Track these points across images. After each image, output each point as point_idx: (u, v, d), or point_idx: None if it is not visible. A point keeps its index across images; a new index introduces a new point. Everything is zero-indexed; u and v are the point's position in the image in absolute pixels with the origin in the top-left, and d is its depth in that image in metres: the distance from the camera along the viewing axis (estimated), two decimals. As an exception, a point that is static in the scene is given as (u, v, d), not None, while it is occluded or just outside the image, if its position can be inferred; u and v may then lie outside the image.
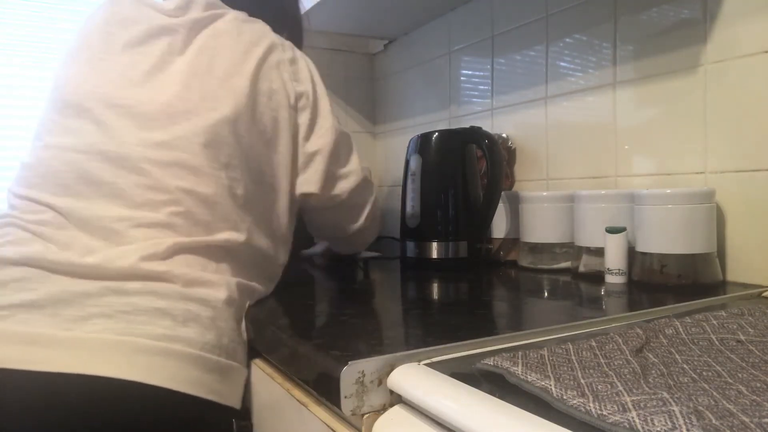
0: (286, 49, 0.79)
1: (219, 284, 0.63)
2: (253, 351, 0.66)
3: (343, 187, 0.81)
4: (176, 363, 0.55)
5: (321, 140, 0.78)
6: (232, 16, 0.77)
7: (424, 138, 0.98)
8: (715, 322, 0.50)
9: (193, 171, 0.65)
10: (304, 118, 0.77)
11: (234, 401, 0.61)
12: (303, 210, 0.85)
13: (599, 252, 0.80)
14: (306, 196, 0.78)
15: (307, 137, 0.78)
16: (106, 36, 0.73)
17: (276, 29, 0.82)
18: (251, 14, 0.80)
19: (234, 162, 0.69)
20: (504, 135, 1.16)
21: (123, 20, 0.74)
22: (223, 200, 0.67)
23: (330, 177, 0.79)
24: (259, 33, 0.77)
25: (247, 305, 0.67)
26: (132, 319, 0.56)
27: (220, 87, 0.70)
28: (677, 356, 0.43)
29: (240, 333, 0.64)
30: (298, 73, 0.79)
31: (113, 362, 0.53)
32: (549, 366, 0.40)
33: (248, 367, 0.65)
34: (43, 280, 0.57)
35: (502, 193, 0.95)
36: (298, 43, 0.94)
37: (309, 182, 0.77)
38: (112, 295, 0.57)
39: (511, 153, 1.15)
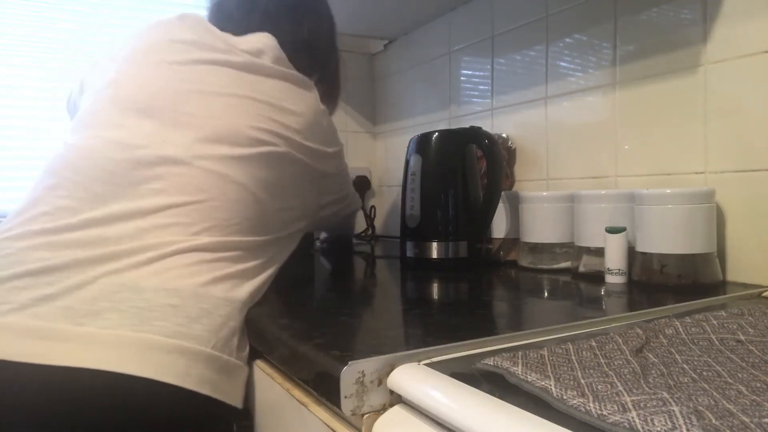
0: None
1: (234, 283, 0.64)
2: (253, 351, 0.66)
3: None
4: (188, 361, 0.56)
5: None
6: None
7: (424, 138, 0.98)
8: (715, 322, 0.50)
9: (222, 177, 0.68)
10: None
11: (238, 401, 0.62)
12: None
13: (599, 252, 0.80)
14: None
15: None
16: (175, 46, 0.75)
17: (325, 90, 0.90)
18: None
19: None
20: (504, 135, 1.16)
21: (189, 40, 0.77)
22: (244, 202, 0.69)
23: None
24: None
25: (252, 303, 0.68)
26: (146, 315, 0.56)
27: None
28: (677, 356, 0.43)
29: (245, 332, 0.65)
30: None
31: (126, 358, 0.53)
32: (549, 366, 0.40)
33: (249, 367, 0.65)
34: (60, 274, 0.58)
35: (502, 193, 0.95)
36: (332, 103, 1.03)
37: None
38: (127, 291, 0.58)
39: (511, 153, 1.15)
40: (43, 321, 0.55)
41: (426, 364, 0.44)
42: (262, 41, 0.80)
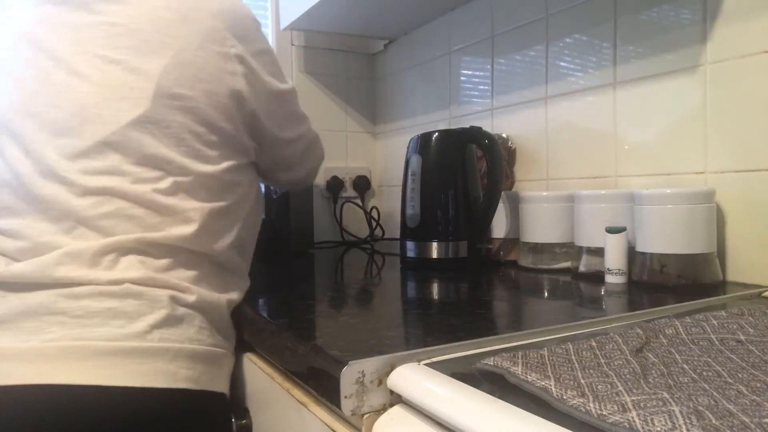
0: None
1: (169, 278, 0.61)
2: (252, 351, 0.66)
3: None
4: (132, 359, 0.55)
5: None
6: None
7: (424, 138, 0.98)
8: (715, 322, 0.50)
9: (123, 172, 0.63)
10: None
11: (214, 386, 0.61)
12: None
13: (599, 252, 0.80)
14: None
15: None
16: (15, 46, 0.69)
17: None
18: None
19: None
20: (504, 135, 1.16)
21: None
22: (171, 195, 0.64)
23: None
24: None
25: (219, 290, 0.66)
26: (86, 323, 0.55)
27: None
28: (677, 356, 0.43)
29: (216, 317, 0.63)
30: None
31: (71, 369, 0.52)
32: (549, 366, 0.40)
33: (244, 364, 0.65)
34: (1, 298, 0.57)
35: (502, 193, 0.95)
36: None
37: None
38: (64, 301, 0.56)
39: (511, 153, 1.15)
40: None
41: (426, 364, 0.44)
42: None
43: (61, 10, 0.68)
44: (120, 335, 0.55)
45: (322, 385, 0.46)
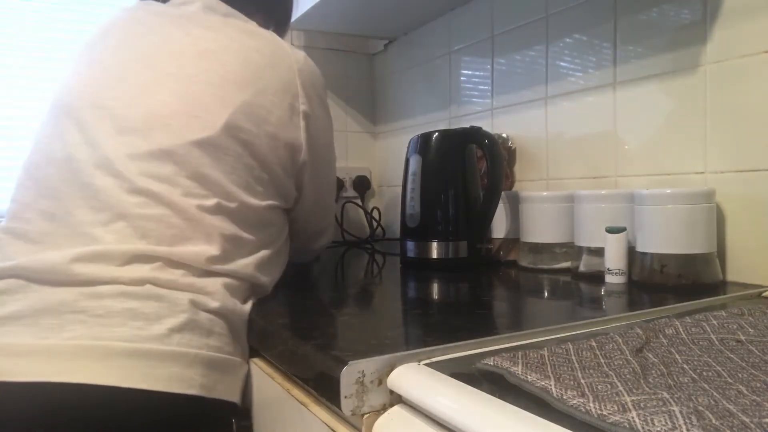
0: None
1: (194, 281, 0.62)
2: (253, 350, 0.66)
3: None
4: (149, 362, 0.55)
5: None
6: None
7: (424, 138, 0.98)
8: (715, 322, 0.50)
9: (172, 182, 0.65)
10: None
11: (226, 395, 0.60)
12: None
13: (599, 252, 0.80)
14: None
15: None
16: (107, 38, 0.73)
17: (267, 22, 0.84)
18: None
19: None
20: (504, 135, 1.16)
21: (134, 23, 0.75)
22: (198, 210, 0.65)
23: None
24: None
25: (240, 297, 0.67)
26: (105, 323, 0.55)
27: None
28: (677, 356, 0.43)
29: (233, 325, 0.64)
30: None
31: (88, 368, 0.53)
32: (549, 366, 0.40)
33: (248, 364, 0.65)
34: (25, 290, 0.57)
35: (502, 193, 0.95)
36: (282, 30, 0.95)
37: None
38: (86, 300, 0.56)
39: (511, 153, 1.15)
40: (11, 338, 0.54)
41: (426, 364, 0.44)
42: None
43: (161, 21, 0.73)
44: (138, 337, 0.55)
45: (322, 385, 0.46)
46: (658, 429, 0.29)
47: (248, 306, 0.67)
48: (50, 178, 0.65)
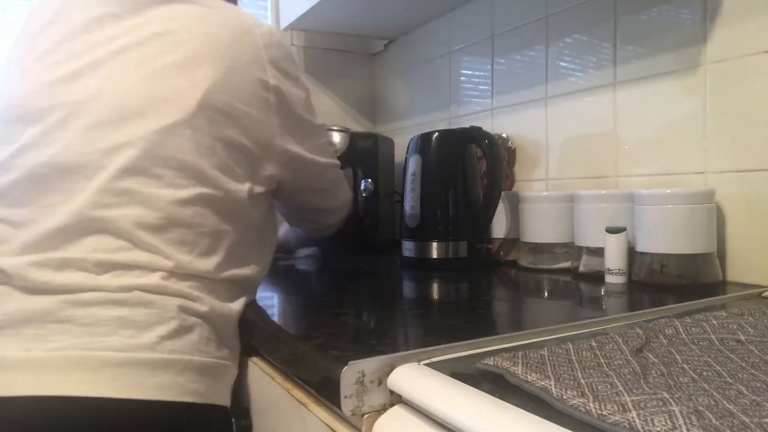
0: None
1: (181, 287, 0.60)
2: (253, 351, 0.66)
3: None
4: (141, 371, 0.53)
5: None
6: None
7: (424, 138, 0.98)
8: (715, 322, 0.50)
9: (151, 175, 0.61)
10: None
11: (219, 399, 0.60)
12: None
13: (599, 252, 0.80)
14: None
15: None
16: (47, 32, 0.67)
17: None
18: None
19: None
20: (504, 135, 1.16)
21: (62, 10, 0.68)
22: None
23: None
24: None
25: (227, 297, 0.65)
26: (94, 332, 0.54)
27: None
28: (677, 356, 0.43)
29: (223, 329, 0.62)
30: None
31: (78, 380, 0.51)
32: (549, 366, 0.40)
33: (245, 364, 0.65)
34: (8, 293, 0.55)
35: (502, 193, 0.95)
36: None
37: None
38: (71, 309, 0.54)
39: (511, 153, 1.15)
40: None
41: (426, 364, 0.44)
42: None
43: (111, 5, 0.67)
44: (129, 346, 0.54)
45: (322, 385, 0.46)
46: (658, 429, 0.29)
47: (238, 304, 0.65)
48: (13, 185, 0.61)
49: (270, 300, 0.74)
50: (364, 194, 1.26)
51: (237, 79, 0.67)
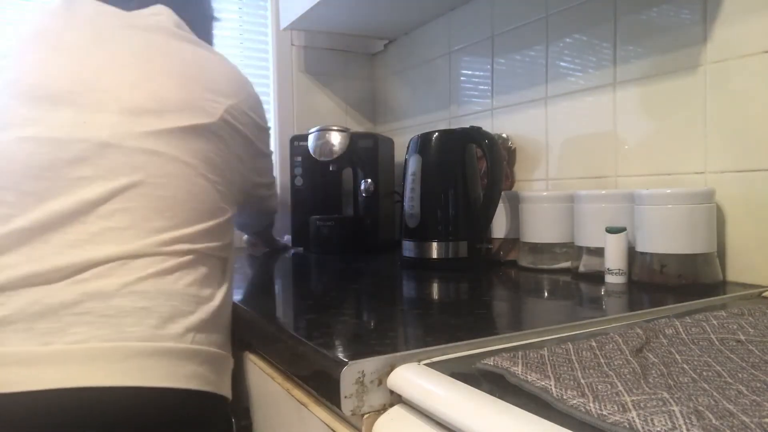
0: None
1: (200, 277, 0.62)
2: (252, 350, 0.66)
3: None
4: (169, 360, 0.55)
5: None
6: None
7: (424, 138, 0.98)
8: (715, 322, 0.50)
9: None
10: None
11: (226, 391, 0.62)
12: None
13: (599, 252, 0.80)
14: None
15: None
16: (72, 24, 0.68)
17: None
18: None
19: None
20: (504, 135, 1.16)
21: (85, 16, 0.69)
22: (189, 180, 0.64)
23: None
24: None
25: (227, 291, 0.67)
26: (117, 323, 0.54)
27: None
28: (677, 356, 0.43)
29: (225, 322, 0.65)
30: None
31: (106, 371, 0.52)
32: (549, 366, 0.40)
33: (245, 364, 0.65)
34: (11, 292, 0.54)
35: (502, 193, 0.95)
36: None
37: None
38: (91, 301, 0.55)
39: (511, 153, 1.15)
40: (3, 347, 0.51)
41: (426, 364, 0.44)
42: (159, 8, 0.73)
43: (136, 26, 0.71)
44: (156, 335, 0.55)
45: (322, 385, 0.46)
46: (658, 429, 0.29)
47: (229, 294, 0.68)
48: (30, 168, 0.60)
49: (270, 300, 0.74)
50: (364, 194, 1.26)
51: (242, 112, 0.73)
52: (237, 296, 0.74)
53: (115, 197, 0.59)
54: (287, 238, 1.40)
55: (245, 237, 1.33)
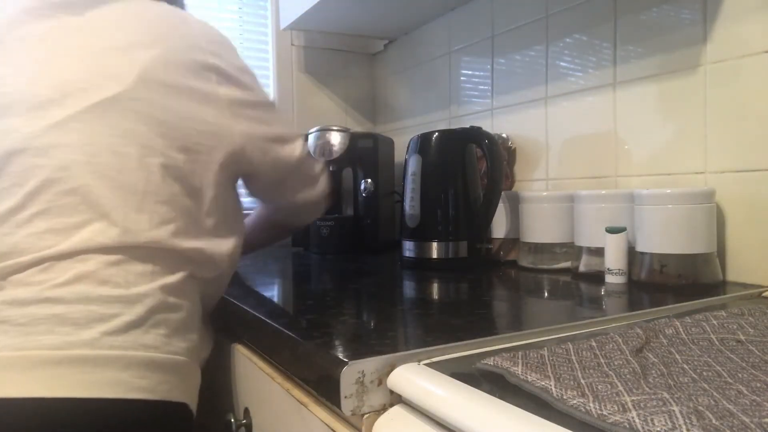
0: None
1: (133, 273, 0.57)
2: (252, 350, 0.66)
3: None
4: (81, 368, 0.51)
5: None
6: None
7: (424, 138, 0.98)
8: (715, 322, 0.50)
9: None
10: None
11: (173, 395, 0.57)
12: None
13: (599, 252, 0.80)
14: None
15: None
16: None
17: None
18: None
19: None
20: (504, 135, 1.16)
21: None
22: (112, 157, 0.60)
23: None
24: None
25: (179, 289, 0.61)
26: (29, 331, 0.52)
27: None
28: (677, 356, 0.43)
29: (174, 321, 0.59)
30: None
31: (15, 381, 0.50)
32: (549, 366, 0.40)
33: (245, 364, 0.65)
34: None
35: (502, 193, 0.95)
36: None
37: None
38: (9, 309, 0.52)
39: (511, 153, 1.15)
40: None
41: (426, 364, 0.44)
42: None
43: (46, 7, 0.66)
44: (66, 343, 0.52)
45: (322, 385, 0.46)
46: (658, 429, 0.29)
47: (184, 291, 0.62)
48: None
49: (270, 300, 0.74)
50: (364, 194, 1.26)
51: (176, 58, 0.65)
52: (236, 296, 0.74)
53: (29, 201, 0.56)
54: None
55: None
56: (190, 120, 0.64)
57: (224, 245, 0.67)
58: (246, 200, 0.80)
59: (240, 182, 0.76)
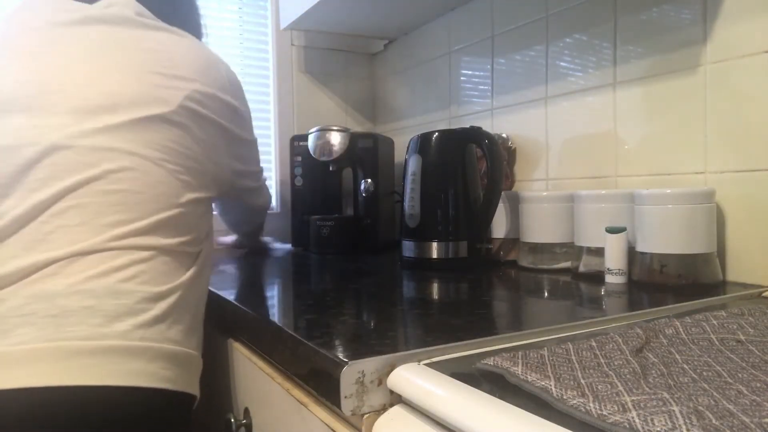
0: None
1: (157, 272, 0.61)
2: (252, 350, 0.66)
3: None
4: (112, 358, 0.54)
5: None
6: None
7: (424, 138, 0.98)
8: (715, 322, 0.50)
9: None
10: None
11: (186, 387, 0.60)
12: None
13: (599, 252, 0.80)
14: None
15: None
16: (21, 29, 0.68)
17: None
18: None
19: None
20: (504, 135, 1.16)
21: (46, 10, 0.69)
22: (147, 173, 0.64)
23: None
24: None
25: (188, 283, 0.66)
26: (60, 323, 0.54)
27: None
28: (677, 356, 0.43)
29: (189, 317, 0.64)
30: None
31: (48, 371, 0.51)
32: (549, 366, 0.40)
33: (245, 364, 0.65)
34: None
35: (502, 193, 0.95)
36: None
37: None
38: (37, 302, 0.54)
39: (511, 153, 1.15)
40: None
41: (426, 364, 0.44)
42: None
43: (88, 19, 0.69)
44: (99, 334, 0.54)
45: (322, 385, 0.46)
46: (658, 429, 0.29)
47: (196, 289, 0.67)
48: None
49: (270, 300, 0.75)
50: (364, 194, 1.26)
51: (211, 93, 0.73)
52: (237, 296, 0.74)
53: (68, 195, 0.59)
54: (270, 241, 1.37)
55: (220, 239, 1.30)
56: (209, 148, 0.72)
57: (210, 246, 0.75)
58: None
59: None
